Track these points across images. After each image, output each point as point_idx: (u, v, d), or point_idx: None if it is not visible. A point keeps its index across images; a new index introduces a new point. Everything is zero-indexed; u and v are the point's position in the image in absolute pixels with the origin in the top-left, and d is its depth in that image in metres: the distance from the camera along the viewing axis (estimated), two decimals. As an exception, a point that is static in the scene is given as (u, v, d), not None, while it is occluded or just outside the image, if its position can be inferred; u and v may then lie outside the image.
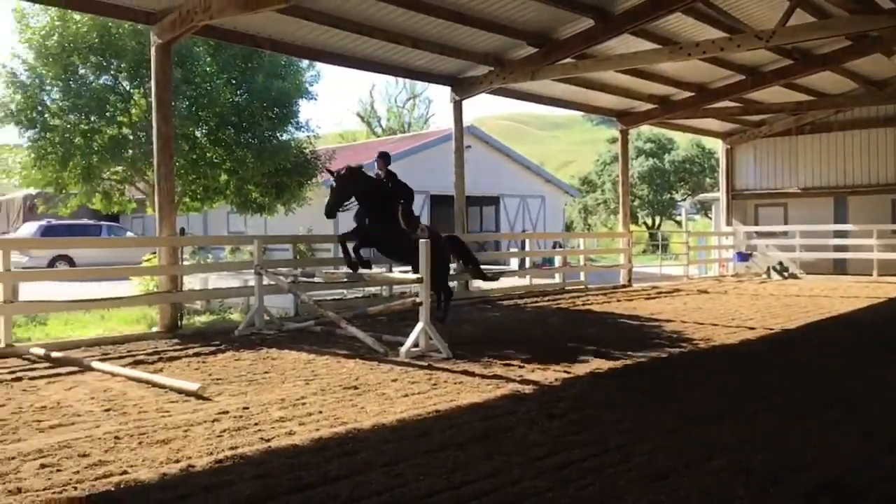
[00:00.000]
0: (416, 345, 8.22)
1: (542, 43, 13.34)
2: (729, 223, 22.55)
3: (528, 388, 6.57)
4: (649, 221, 48.49)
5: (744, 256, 21.45)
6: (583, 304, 13.94)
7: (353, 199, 9.90)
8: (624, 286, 17.67)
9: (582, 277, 17.28)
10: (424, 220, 25.70)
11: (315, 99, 16.84)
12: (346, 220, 11.18)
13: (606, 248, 24.61)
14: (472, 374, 7.11)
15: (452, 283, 15.17)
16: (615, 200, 44.33)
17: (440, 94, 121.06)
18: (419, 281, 8.37)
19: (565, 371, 7.35)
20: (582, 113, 28.32)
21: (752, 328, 10.50)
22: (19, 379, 7.10)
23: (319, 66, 17.25)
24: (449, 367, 7.50)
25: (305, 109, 68.41)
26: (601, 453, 4.69)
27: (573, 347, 8.71)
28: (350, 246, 10.12)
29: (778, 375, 7.33)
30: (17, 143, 15.42)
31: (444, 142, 25.01)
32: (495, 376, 7.04)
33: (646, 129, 44.02)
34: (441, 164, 22.96)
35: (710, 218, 32.81)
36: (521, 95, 16.55)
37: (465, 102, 15.11)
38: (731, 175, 22.90)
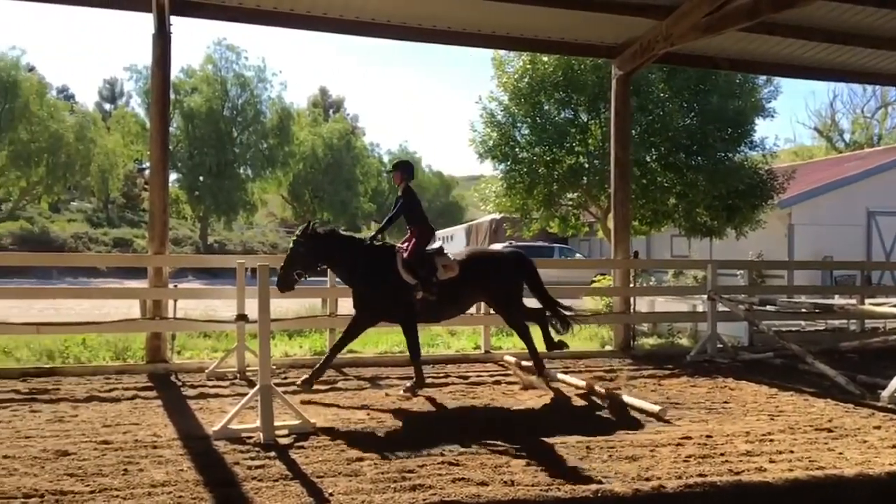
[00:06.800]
0: (902, 390, 7.11)
1: None
2: None
3: None
4: None
5: None
6: None
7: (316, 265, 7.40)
8: None
9: None
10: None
11: (773, 116, 15.95)
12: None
13: None
14: None
15: None
16: None
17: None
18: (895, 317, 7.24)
19: None
20: None
21: None
22: (498, 383, 8.07)
23: (777, 80, 16.23)
24: (951, 422, 6.30)
25: (759, 127, 65.07)
26: None
27: None
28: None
29: None
30: (493, 175, 17.75)
31: (927, 155, 21.43)
32: None
33: None
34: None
35: None
36: None
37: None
38: None
